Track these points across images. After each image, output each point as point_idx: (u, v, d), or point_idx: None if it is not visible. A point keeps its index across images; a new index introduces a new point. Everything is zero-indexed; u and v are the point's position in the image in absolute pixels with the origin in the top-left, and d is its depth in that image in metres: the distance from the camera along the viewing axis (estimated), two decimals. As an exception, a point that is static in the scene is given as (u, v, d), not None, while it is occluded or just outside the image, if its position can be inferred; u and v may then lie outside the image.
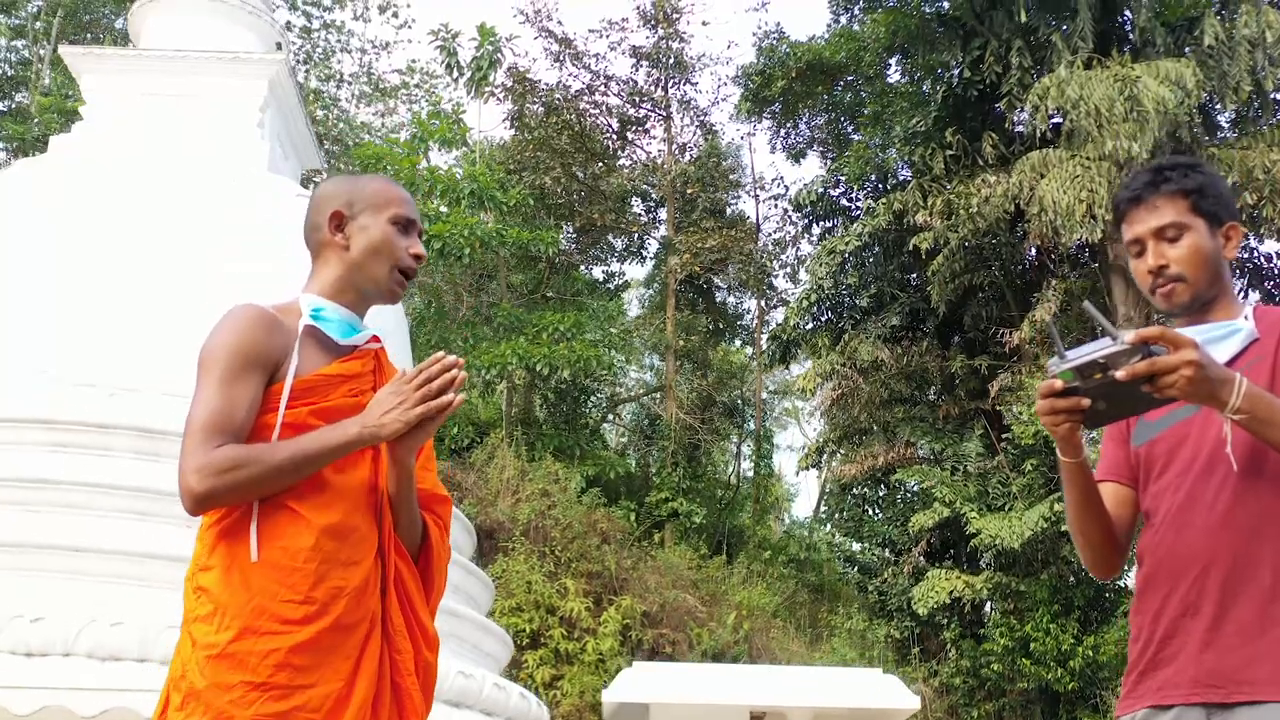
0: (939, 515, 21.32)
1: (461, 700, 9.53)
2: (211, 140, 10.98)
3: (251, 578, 2.24)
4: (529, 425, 26.08)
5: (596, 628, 19.61)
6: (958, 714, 21.11)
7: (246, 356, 2.31)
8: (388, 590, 2.44)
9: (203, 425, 2.24)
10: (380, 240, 2.48)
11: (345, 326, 2.48)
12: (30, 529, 8.69)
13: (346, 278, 2.50)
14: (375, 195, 2.53)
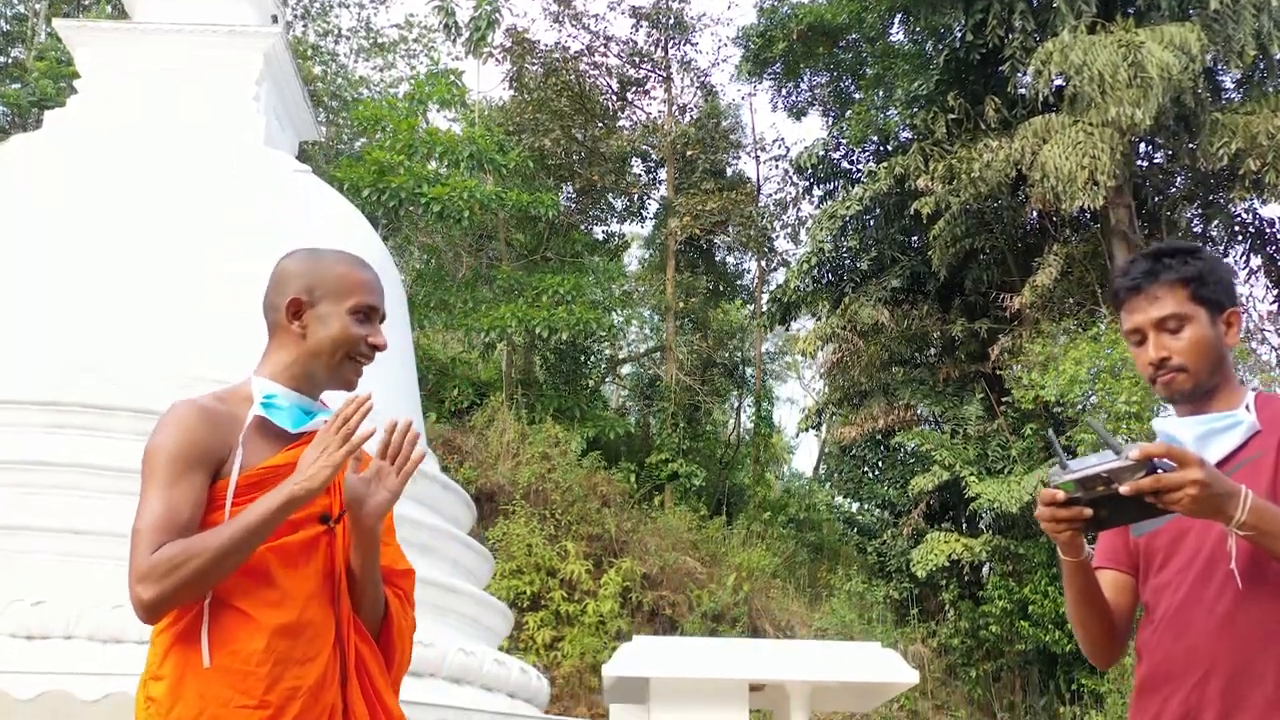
0: (938, 478, 21.37)
1: (462, 677, 9.59)
2: (207, 114, 10.92)
3: (205, 685, 2.21)
4: (529, 386, 26.09)
5: (597, 590, 19.71)
6: (956, 674, 21.26)
7: (188, 458, 2.27)
8: (349, 678, 2.39)
9: (146, 532, 2.21)
10: (339, 333, 2.44)
11: (297, 415, 2.43)
12: (30, 511, 8.70)
13: (301, 365, 2.45)
14: (338, 282, 2.46)
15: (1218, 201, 22.01)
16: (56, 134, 10.68)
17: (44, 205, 10.18)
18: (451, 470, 21.05)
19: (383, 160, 22.79)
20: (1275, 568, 2.60)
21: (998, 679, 20.86)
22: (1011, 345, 21.07)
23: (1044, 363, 18.44)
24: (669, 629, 20.03)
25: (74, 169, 10.22)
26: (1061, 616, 19.38)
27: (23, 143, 10.66)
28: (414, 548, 10.23)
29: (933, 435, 22.64)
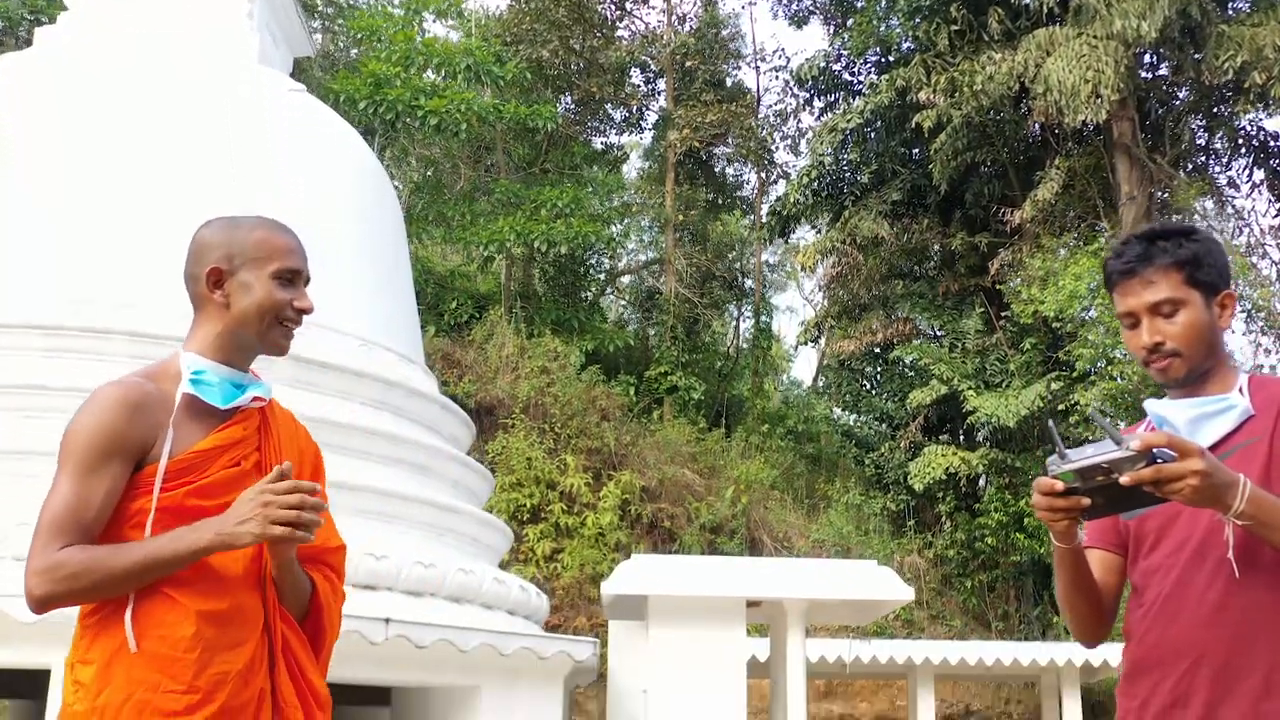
0: (937, 392, 21.44)
1: (462, 595, 9.70)
2: (201, 32, 10.80)
3: (133, 670, 2.19)
4: (528, 299, 26.06)
5: (596, 503, 19.88)
6: (951, 584, 21.51)
7: (105, 447, 2.21)
8: (276, 663, 2.36)
9: (50, 523, 2.16)
10: (263, 299, 2.37)
11: (227, 389, 2.35)
12: (30, 435, 8.75)
13: (228, 335, 2.38)
14: (256, 248, 2.40)
15: (1222, 115, 21.80)
16: (47, 53, 10.55)
17: (38, 128, 10.11)
18: (451, 384, 21.13)
19: (379, 73, 22.56)
20: (1268, 556, 2.61)
21: (992, 589, 21.11)
22: (1011, 259, 21.03)
23: (1044, 278, 18.40)
24: (668, 541, 20.23)
25: (66, 91, 10.12)
26: (1056, 529, 19.56)
27: (13, 63, 10.53)
28: (414, 468, 10.32)
29: (931, 349, 22.67)
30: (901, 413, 23.30)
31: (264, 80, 10.66)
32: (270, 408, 2.48)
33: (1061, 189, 20.15)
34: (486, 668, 9.11)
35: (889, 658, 15.45)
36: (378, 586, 9.07)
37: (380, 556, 9.06)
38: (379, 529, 9.54)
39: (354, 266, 11.09)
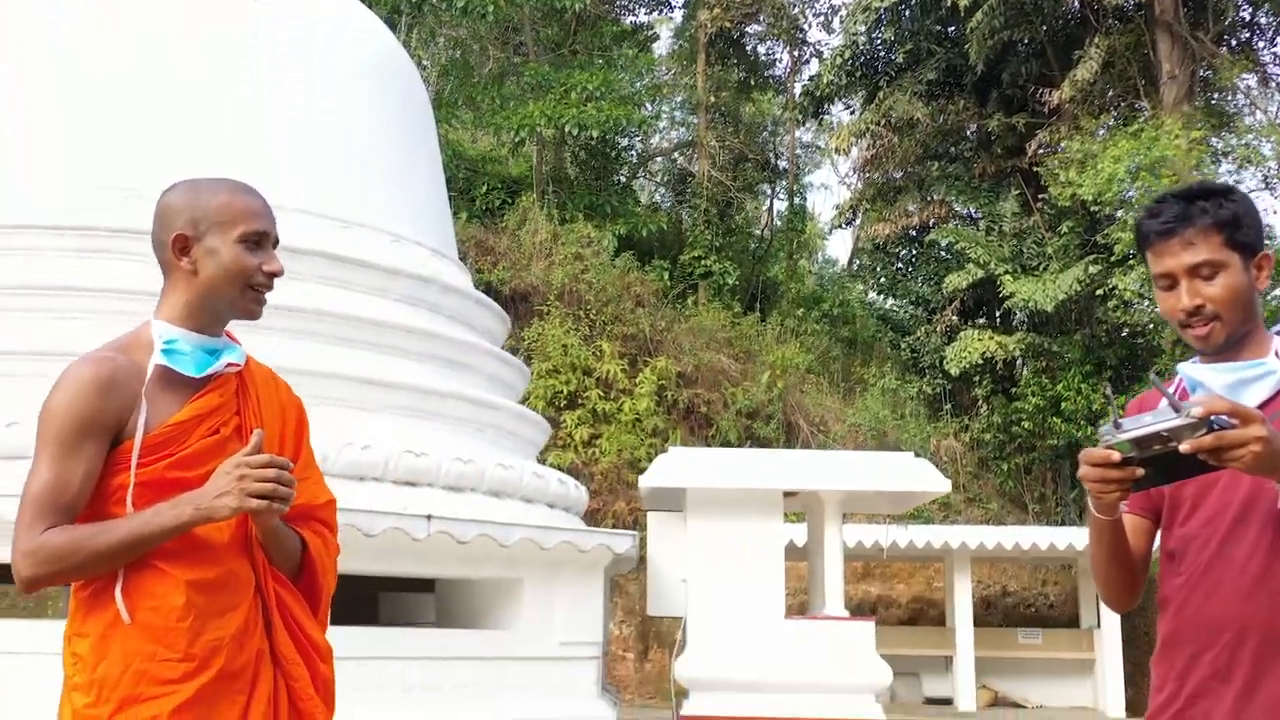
0: (973, 276, 21.26)
1: (501, 490, 9.75)
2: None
3: (128, 641, 2.20)
4: (560, 184, 25.86)
5: (632, 388, 19.92)
6: (988, 467, 21.54)
7: (80, 427, 2.19)
8: (273, 622, 2.36)
9: (33, 504, 2.17)
10: (231, 265, 2.32)
11: (200, 358, 2.32)
12: (60, 337, 8.77)
13: (198, 302, 2.33)
14: (220, 212, 2.35)
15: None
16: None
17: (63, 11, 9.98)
18: (485, 272, 21.09)
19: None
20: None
21: (1029, 472, 21.14)
22: (1049, 141, 20.64)
23: (1082, 160, 18.07)
24: (704, 426, 20.29)
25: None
26: (1094, 412, 19.50)
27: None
28: (449, 364, 10.32)
29: (967, 232, 22.43)
30: (937, 296, 23.14)
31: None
32: (247, 369, 2.44)
33: (1101, 68, 19.70)
34: (527, 561, 9.19)
35: (926, 542, 15.56)
36: (418, 483, 9.12)
37: (419, 453, 9.10)
38: (417, 426, 9.57)
39: (383, 160, 10.98)
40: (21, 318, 8.87)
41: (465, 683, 8.71)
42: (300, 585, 2.45)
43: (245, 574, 2.32)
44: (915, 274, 24.98)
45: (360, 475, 8.85)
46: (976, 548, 15.56)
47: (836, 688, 10.11)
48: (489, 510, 9.42)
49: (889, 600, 18.90)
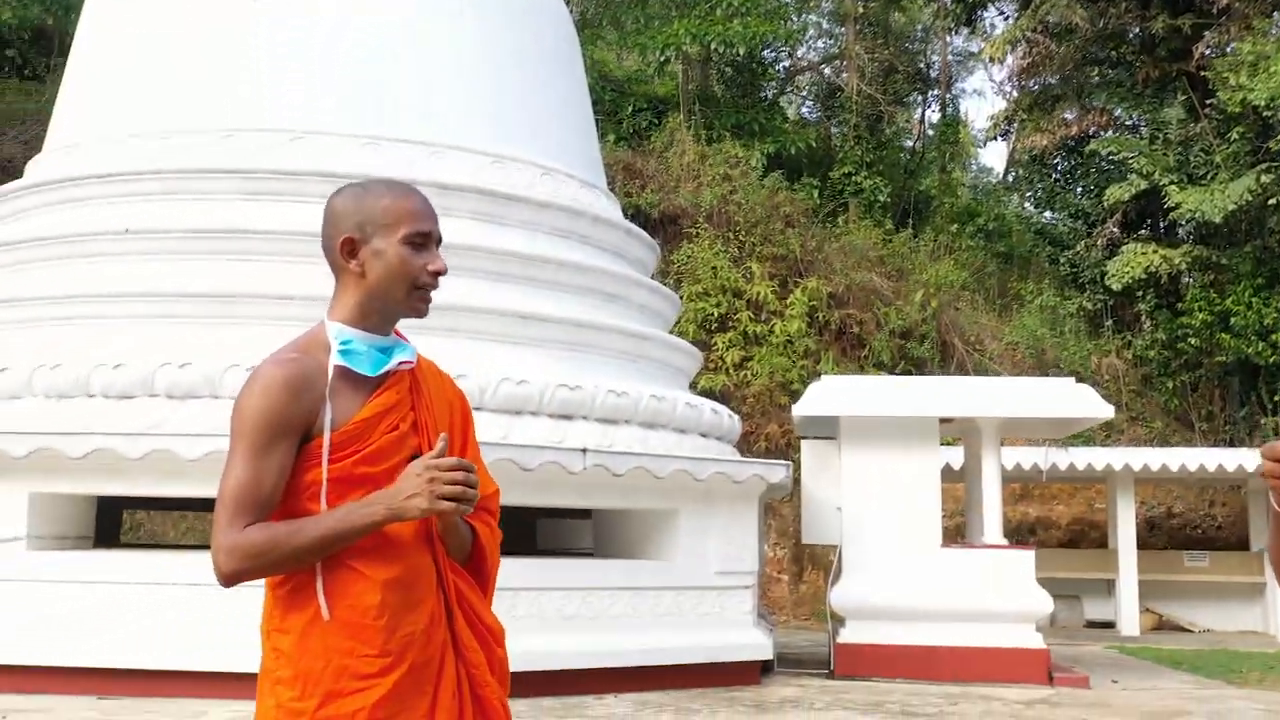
0: (1136, 187, 20.52)
1: (655, 421, 9.83)
2: None
3: (328, 638, 2.30)
4: (706, 103, 25.60)
5: (783, 310, 19.78)
6: (1152, 385, 20.94)
7: (273, 426, 2.27)
8: (453, 614, 2.46)
9: (231, 501, 2.26)
10: (397, 266, 2.38)
11: (375, 357, 2.39)
12: (235, 278, 9.05)
13: (368, 303, 2.40)
14: (385, 214, 2.40)
15: None
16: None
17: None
18: (633, 196, 21.06)
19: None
20: None
21: (1195, 390, 20.48)
22: (1218, 42, 19.70)
23: (1254, 62, 17.22)
24: (856, 347, 20.08)
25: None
26: (1265, 327, 18.79)
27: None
28: (602, 296, 10.38)
29: (1130, 141, 21.61)
30: (1098, 209, 22.42)
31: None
32: (416, 365, 2.50)
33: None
34: (682, 492, 9.27)
35: (1087, 464, 15.23)
36: (573, 416, 9.25)
37: (574, 387, 9.21)
38: (571, 359, 9.68)
39: (532, 91, 11.00)
40: (199, 261, 9.17)
41: (622, 612, 8.86)
42: (469, 570, 2.54)
43: (429, 568, 2.41)
44: (1074, 186, 24.24)
45: (516, 409, 9.00)
46: (1140, 469, 15.18)
47: (995, 616, 10.02)
48: (643, 442, 9.52)
49: (1048, 522, 18.60)
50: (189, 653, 7.78)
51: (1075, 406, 10.34)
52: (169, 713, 7.30)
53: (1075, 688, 9.75)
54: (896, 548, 10.22)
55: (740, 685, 9.30)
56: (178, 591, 7.93)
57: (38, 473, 8.09)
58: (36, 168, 10.57)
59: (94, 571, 8.07)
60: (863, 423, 10.47)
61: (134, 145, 9.79)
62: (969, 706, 8.61)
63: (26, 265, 9.60)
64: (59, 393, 8.49)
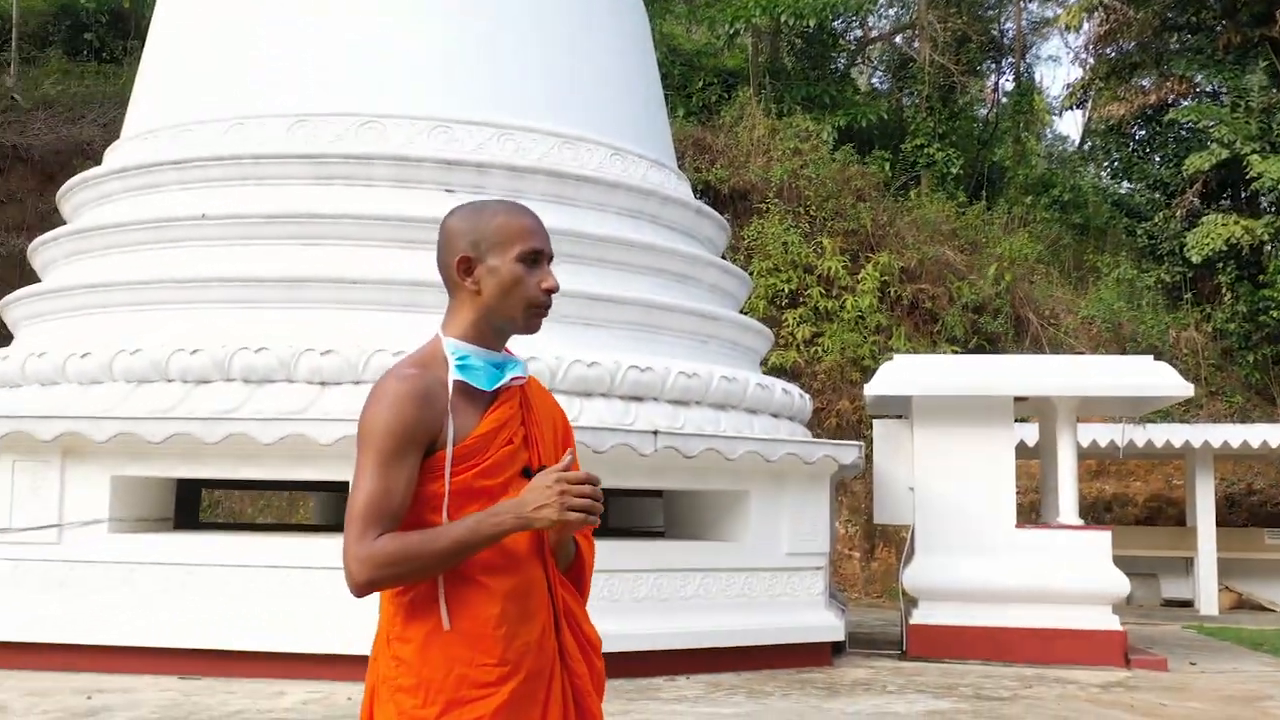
0: (1216, 156, 20.12)
1: (726, 402, 9.82)
2: None
3: (449, 648, 2.37)
4: (776, 75, 25.42)
5: (854, 285, 19.64)
6: (1232, 358, 20.57)
7: (402, 439, 2.33)
8: (560, 624, 2.53)
9: (363, 513, 2.32)
10: (510, 283, 2.43)
11: (490, 373, 2.46)
12: (306, 262, 9.14)
13: (483, 320, 2.46)
14: (499, 232, 2.46)
15: None
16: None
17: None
18: (703, 171, 20.98)
19: None
20: None
21: (1277, 363, 20.09)
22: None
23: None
24: (929, 322, 19.89)
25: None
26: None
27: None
28: (672, 276, 10.36)
29: (1210, 109, 21.15)
30: (1177, 179, 21.99)
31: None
32: (526, 387, 2.58)
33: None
34: (753, 473, 9.25)
35: (1165, 441, 14.99)
36: (643, 397, 9.26)
37: (644, 368, 9.21)
38: (641, 340, 9.68)
39: (601, 71, 10.99)
40: (271, 246, 9.28)
41: (693, 594, 8.88)
42: (568, 578, 2.61)
43: (541, 580, 2.48)
44: (1152, 155, 23.78)
45: (587, 391, 9.02)
46: (1220, 445, 14.92)
47: (1070, 598, 9.91)
48: (714, 423, 9.51)
49: (1124, 499, 18.35)
50: (267, 634, 7.91)
51: (1154, 385, 10.18)
52: (248, 692, 7.43)
53: (1152, 670, 9.64)
54: (970, 528, 10.14)
55: (812, 666, 9.30)
56: (256, 573, 8.07)
57: (119, 456, 8.25)
58: (115, 154, 10.73)
59: (174, 553, 8.23)
60: (935, 402, 10.39)
61: (208, 131, 9.92)
62: (1044, 689, 8.54)
63: (109, 251, 9.77)
64: (139, 377, 8.65)
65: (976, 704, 7.88)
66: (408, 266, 9.03)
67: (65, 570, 8.18)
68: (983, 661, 9.77)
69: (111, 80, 22.21)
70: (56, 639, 8.04)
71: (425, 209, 9.32)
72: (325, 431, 8.01)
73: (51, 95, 21.92)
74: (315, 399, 8.42)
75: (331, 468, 8.18)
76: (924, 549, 10.24)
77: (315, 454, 8.11)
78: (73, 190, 10.65)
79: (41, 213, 17.99)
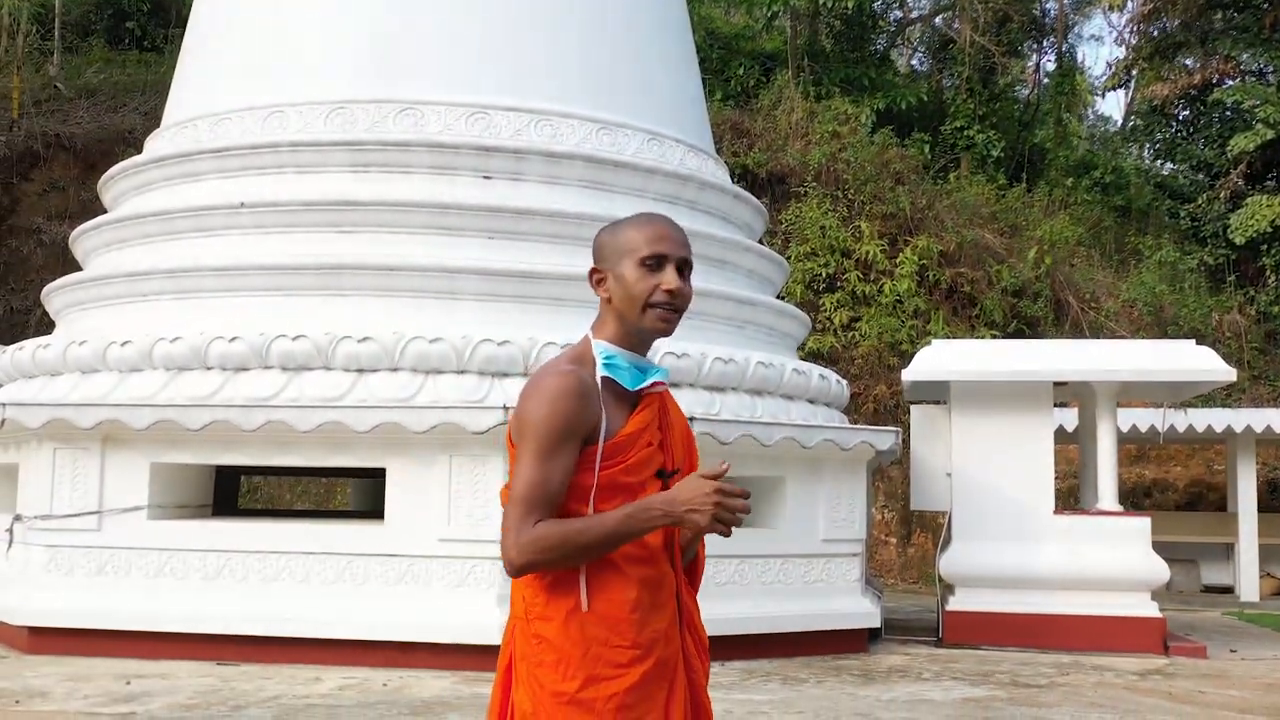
0: (1262, 136, 19.89)
1: (762, 388, 9.80)
2: None
3: (587, 628, 2.49)
4: (815, 58, 25.28)
5: (892, 269, 19.55)
6: (1275, 341, 20.35)
7: (562, 431, 2.45)
8: (682, 623, 2.64)
9: (523, 500, 2.45)
10: (630, 286, 2.54)
11: (634, 374, 2.58)
12: (342, 250, 9.18)
13: (620, 327, 2.60)
14: (625, 244, 2.58)
15: None
16: None
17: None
18: (740, 155, 20.92)
19: None
20: None
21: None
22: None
23: (1390, 5, 16.54)
24: (968, 306, 19.77)
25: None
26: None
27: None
28: (710, 262, 10.33)
29: (1257, 89, 20.89)
30: (1221, 160, 21.73)
31: None
32: (664, 395, 2.70)
33: None
34: (789, 459, 9.23)
35: (1207, 426, 14.86)
36: (680, 384, 9.24)
37: (681, 354, 9.20)
38: (678, 325, 9.65)
39: (639, 56, 10.96)
40: (310, 234, 9.33)
41: (729, 580, 8.87)
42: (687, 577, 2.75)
43: (670, 576, 2.61)
44: (1196, 136, 23.52)
45: (623, 378, 9.01)
46: (1263, 430, 14.77)
47: (1109, 585, 9.85)
48: (750, 409, 9.49)
49: (1164, 484, 18.19)
50: (304, 620, 7.97)
51: (1196, 369, 10.08)
52: (284, 678, 7.50)
53: (1192, 658, 9.56)
54: (1007, 514, 10.08)
55: (847, 653, 9.28)
56: (293, 560, 8.14)
57: (158, 444, 8.33)
58: (155, 142, 10.81)
59: (212, 540, 8.30)
60: (973, 387, 10.33)
61: (246, 119, 9.96)
62: (1081, 677, 8.49)
63: (149, 240, 9.85)
64: (178, 365, 8.72)
65: (1013, 691, 7.85)
66: (445, 254, 9.06)
67: (105, 557, 8.28)
68: (1019, 648, 9.73)
69: (153, 69, 22.37)
70: (96, 625, 8.14)
71: (463, 195, 9.34)
72: (362, 419, 8.07)
73: (94, 84, 22.11)
74: (352, 386, 8.47)
75: (368, 454, 8.24)
76: (961, 535, 10.20)
77: (352, 441, 8.16)
78: (113, 179, 10.74)
79: (84, 201, 18.17)
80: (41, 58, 23.04)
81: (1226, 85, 21.79)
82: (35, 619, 8.26)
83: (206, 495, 9.26)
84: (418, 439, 8.04)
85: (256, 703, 6.76)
